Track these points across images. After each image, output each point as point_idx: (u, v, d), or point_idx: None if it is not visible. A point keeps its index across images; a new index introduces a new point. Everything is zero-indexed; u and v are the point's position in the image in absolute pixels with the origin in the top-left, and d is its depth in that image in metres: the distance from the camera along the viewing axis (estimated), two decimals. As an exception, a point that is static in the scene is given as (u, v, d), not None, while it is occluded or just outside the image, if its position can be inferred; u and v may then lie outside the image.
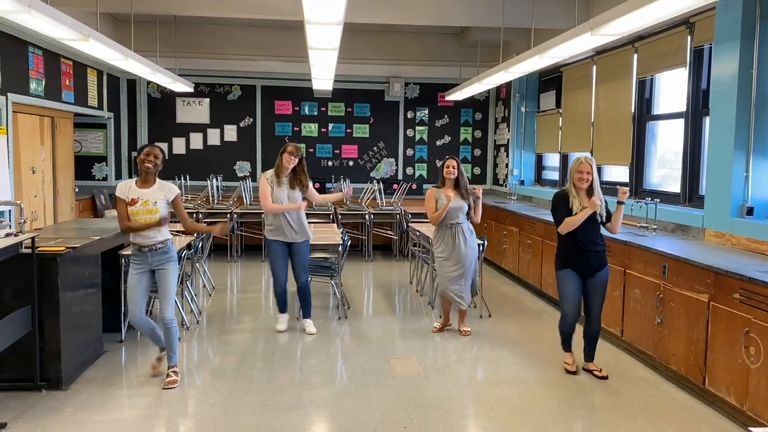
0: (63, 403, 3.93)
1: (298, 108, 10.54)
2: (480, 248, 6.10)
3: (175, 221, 4.52)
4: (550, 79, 9.10)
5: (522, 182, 9.74)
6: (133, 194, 4.19)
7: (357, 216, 9.32)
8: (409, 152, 10.84)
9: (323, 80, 8.31)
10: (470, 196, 5.44)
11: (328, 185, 10.33)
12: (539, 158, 9.83)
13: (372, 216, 9.24)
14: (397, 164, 10.82)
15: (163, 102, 10.29)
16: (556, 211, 4.49)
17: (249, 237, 9.23)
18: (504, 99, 10.34)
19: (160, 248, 4.24)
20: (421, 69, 10.35)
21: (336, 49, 5.73)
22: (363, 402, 4.04)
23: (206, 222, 8.22)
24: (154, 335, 4.40)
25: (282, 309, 5.66)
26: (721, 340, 3.90)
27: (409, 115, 10.78)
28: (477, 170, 11.01)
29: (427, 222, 5.82)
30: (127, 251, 4.86)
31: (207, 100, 10.38)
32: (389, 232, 9.61)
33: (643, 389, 4.36)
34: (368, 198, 9.58)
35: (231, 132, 10.47)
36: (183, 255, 5.57)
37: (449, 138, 10.89)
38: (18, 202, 4.65)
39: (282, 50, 9.62)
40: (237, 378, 4.42)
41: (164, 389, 4.18)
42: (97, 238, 4.68)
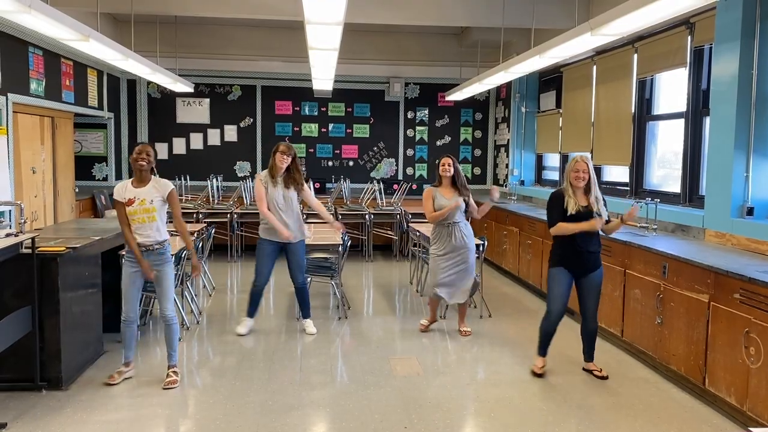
0: (63, 403, 3.93)
1: (299, 108, 10.54)
2: (480, 248, 6.10)
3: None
4: (551, 79, 9.11)
5: (522, 182, 9.74)
6: (130, 194, 4.21)
7: (357, 216, 9.32)
8: (410, 152, 10.84)
9: (323, 80, 8.31)
10: (468, 195, 5.42)
11: (328, 185, 10.34)
12: (539, 158, 9.83)
13: (372, 216, 9.24)
14: (398, 164, 10.83)
15: (164, 102, 10.30)
16: (551, 211, 4.50)
17: (249, 237, 9.22)
18: (504, 99, 10.34)
19: (158, 249, 4.26)
20: (422, 69, 10.35)
21: (336, 50, 5.73)
22: (363, 402, 4.04)
23: (206, 222, 8.22)
24: (131, 343, 4.37)
25: (250, 312, 5.50)
26: (722, 341, 3.90)
27: (410, 116, 10.78)
28: (477, 170, 11.01)
29: (427, 222, 5.81)
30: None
31: (207, 101, 10.38)
32: (389, 233, 9.61)
33: (644, 389, 4.36)
34: (368, 198, 9.59)
35: (231, 132, 10.47)
36: (183, 255, 5.57)
37: (449, 138, 10.89)
38: (18, 203, 4.65)
39: (282, 50, 9.63)
40: (237, 378, 4.43)
41: (164, 389, 4.19)
42: (97, 238, 4.68)
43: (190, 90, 9.23)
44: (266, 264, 5.41)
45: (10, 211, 6.42)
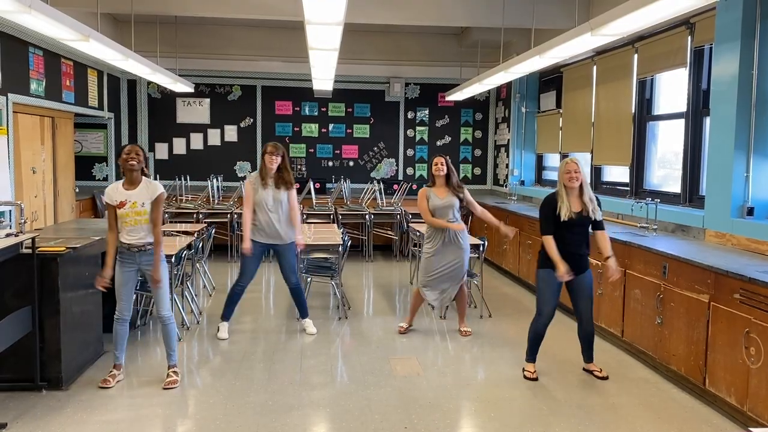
0: (63, 404, 3.93)
1: (299, 108, 10.54)
2: (480, 248, 6.11)
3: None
4: (551, 80, 9.11)
5: (522, 182, 9.74)
6: (121, 197, 4.15)
7: (357, 216, 9.32)
8: (410, 152, 10.84)
9: (323, 80, 8.31)
10: (462, 192, 5.40)
11: (329, 185, 10.34)
12: (539, 158, 9.83)
13: (372, 216, 9.24)
14: (398, 164, 10.83)
15: (164, 102, 10.30)
16: (543, 219, 4.44)
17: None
18: (504, 99, 10.34)
19: (149, 249, 4.24)
20: (422, 69, 10.36)
21: (336, 50, 5.74)
22: (363, 402, 4.04)
23: (206, 222, 8.22)
24: (123, 344, 4.35)
25: (226, 315, 5.42)
26: (722, 341, 3.90)
27: (410, 116, 10.78)
28: (477, 170, 11.01)
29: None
30: None
31: (207, 101, 10.38)
32: (389, 233, 9.61)
33: (644, 389, 4.36)
34: (368, 198, 9.59)
35: (231, 132, 10.47)
36: (183, 255, 5.57)
37: (449, 138, 10.89)
38: (18, 203, 4.65)
39: (282, 50, 9.64)
40: (237, 378, 4.42)
41: (165, 389, 4.19)
42: (98, 239, 4.68)
43: (191, 90, 9.23)
44: (252, 264, 5.36)
45: (11, 211, 6.42)
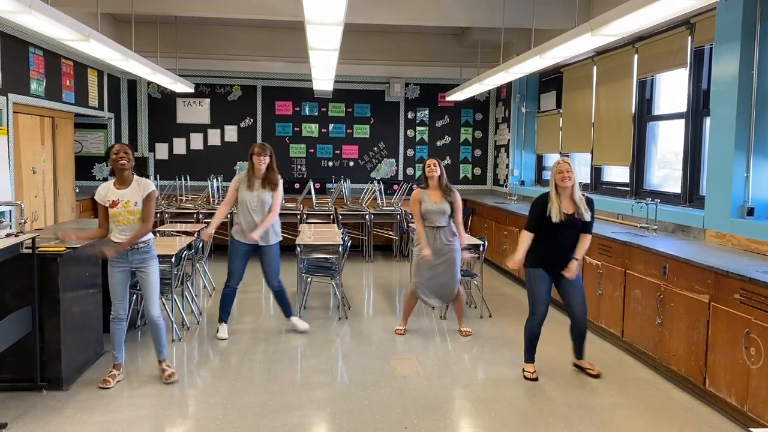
0: (63, 404, 3.93)
1: (299, 108, 10.54)
2: (480, 248, 6.11)
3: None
4: (551, 80, 9.11)
5: (522, 183, 9.74)
6: (113, 196, 4.15)
7: (357, 216, 9.33)
8: (410, 153, 10.84)
9: (324, 81, 8.31)
10: (452, 197, 5.40)
11: (329, 185, 10.34)
12: (539, 159, 9.83)
13: (372, 216, 9.24)
14: (398, 165, 10.83)
15: (164, 102, 10.30)
16: (529, 214, 4.52)
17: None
18: (504, 99, 10.34)
19: (142, 247, 4.24)
20: (422, 69, 10.35)
21: (336, 50, 5.74)
22: (363, 402, 4.04)
23: (206, 222, 8.21)
24: (121, 343, 4.34)
25: (223, 317, 5.40)
26: (722, 341, 3.90)
27: (410, 116, 10.78)
28: (477, 171, 11.01)
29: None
30: None
31: (207, 101, 10.38)
32: (390, 233, 9.61)
33: (644, 390, 4.36)
34: (369, 198, 9.59)
35: (231, 132, 10.47)
36: (183, 255, 5.57)
37: (449, 138, 10.89)
38: (18, 203, 4.65)
39: (282, 51, 9.63)
40: (237, 378, 4.43)
41: (167, 384, 4.21)
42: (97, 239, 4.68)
43: (191, 90, 9.23)
44: (238, 264, 5.35)
45: (11, 211, 6.42)
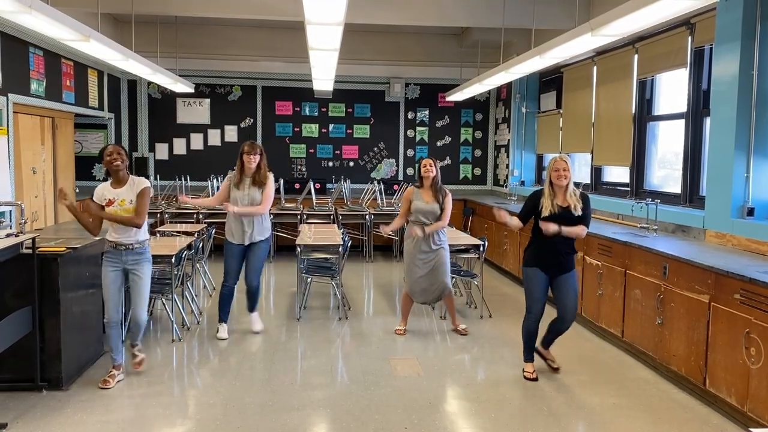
0: (63, 404, 3.93)
1: (299, 108, 10.55)
2: (480, 248, 6.11)
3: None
4: (551, 80, 9.10)
5: (522, 183, 9.74)
6: (109, 195, 4.21)
7: (357, 216, 9.32)
8: (410, 153, 10.84)
9: (324, 81, 8.32)
10: (443, 199, 5.40)
11: (329, 186, 10.34)
12: (540, 159, 9.82)
13: (372, 216, 9.24)
14: (398, 165, 10.83)
15: (164, 102, 10.30)
16: (523, 206, 4.58)
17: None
18: (504, 99, 10.35)
19: (137, 248, 4.25)
20: (422, 69, 10.35)
21: (336, 50, 5.74)
22: (363, 402, 4.04)
23: (206, 222, 8.22)
24: (118, 345, 4.34)
25: (223, 317, 5.41)
26: (722, 341, 3.90)
27: (410, 116, 10.78)
28: (477, 171, 11.01)
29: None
30: None
31: (207, 101, 10.38)
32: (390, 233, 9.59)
33: (644, 390, 4.36)
34: (369, 199, 9.59)
35: (231, 132, 10.47)
36: (183, 255, 5.58)
37: (450, 138, 10.89)
38: (18, 203, 4.65)
39: (282, 51, 9.63)
40: (237, 378, 4.43)
41: (135, 371, 4.28)
42: (98, 239, 4.67)
43: (191, 90, 9.24)
44: (233, 263, 5.38)
45: (11, 212, 6.42)
